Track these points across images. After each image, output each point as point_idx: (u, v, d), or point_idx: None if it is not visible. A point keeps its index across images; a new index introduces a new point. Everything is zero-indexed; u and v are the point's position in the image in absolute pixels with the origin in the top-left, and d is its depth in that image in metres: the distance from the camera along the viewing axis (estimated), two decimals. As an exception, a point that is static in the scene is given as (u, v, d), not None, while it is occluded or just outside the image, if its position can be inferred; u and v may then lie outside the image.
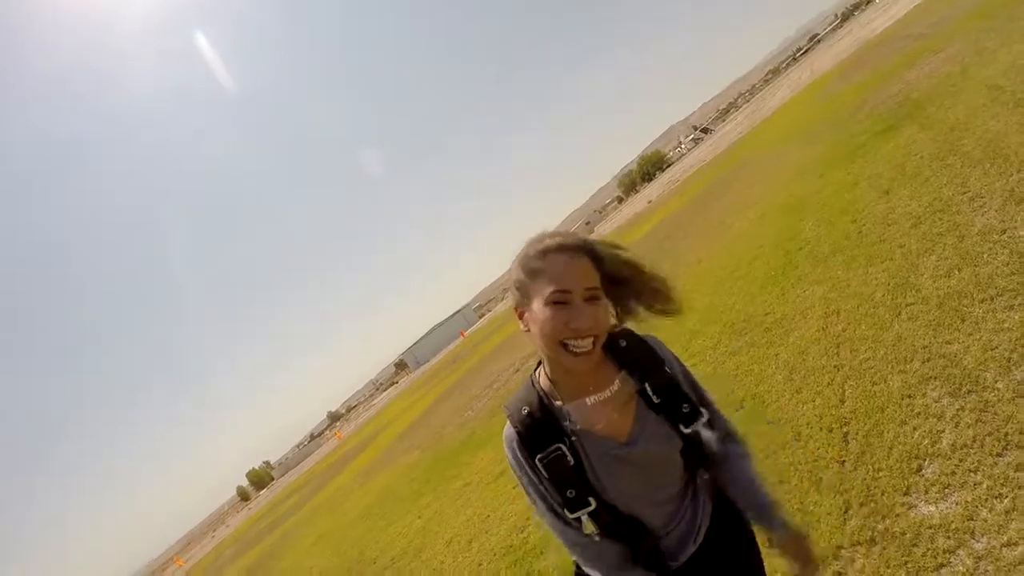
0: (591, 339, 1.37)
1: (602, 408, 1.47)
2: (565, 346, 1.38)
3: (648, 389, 1.49)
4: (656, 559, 1.53)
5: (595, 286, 1.40)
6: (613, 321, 1.56)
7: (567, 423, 1.47)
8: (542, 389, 1.52)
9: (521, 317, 1.49)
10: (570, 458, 1.43)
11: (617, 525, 1.48)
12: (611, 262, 1.49)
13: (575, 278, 1.38)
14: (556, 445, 1.44)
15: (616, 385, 1.49)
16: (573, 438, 1.45)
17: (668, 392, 1.50)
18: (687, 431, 1.48)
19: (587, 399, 1.47)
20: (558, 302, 1.37)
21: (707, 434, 1.51)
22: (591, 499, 1.43)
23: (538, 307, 1.40)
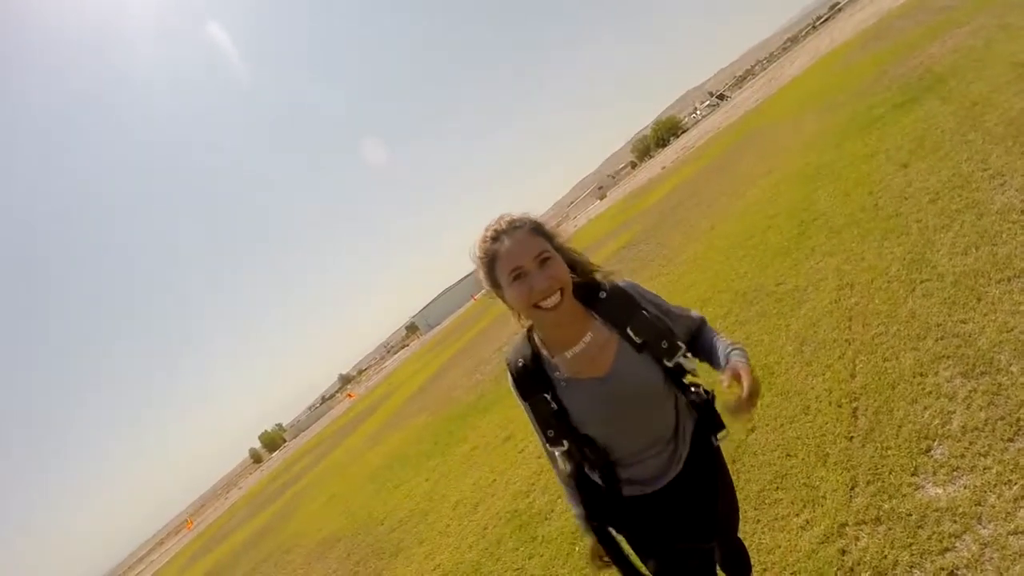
0: (556, 293, 1.60)
1: (582, 356, 1.69)
2: (538, 307, 1.61)
3: (629, 332, 1.69)
4: (614, 488, 1.77)
5: (544, 250, 1.61)
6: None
7: (556, 373, 1.71)
8: (537, 343, 1.77)
9: (502, 299, 1.73)
10: (553, 404, 1.69)
11: (591, 463, 1.75)
12: (553, 235, 1.71)
13: (524, 251, 1.60)
14: (542, 393, 1.70)
15: (589, 336, 1.70)
16: (562, 384, 1.70)
17: (647, 332, 1.69)
18: (670, 364, 1.69)
19: (567, 352, 1.70)
20: (517, 277, 1.60)
21: (689, 364, 1.74)
22: (565, 441, 1.70)
23: (506, 285, 1.64)
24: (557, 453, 1.74)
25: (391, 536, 7.03)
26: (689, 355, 1.75)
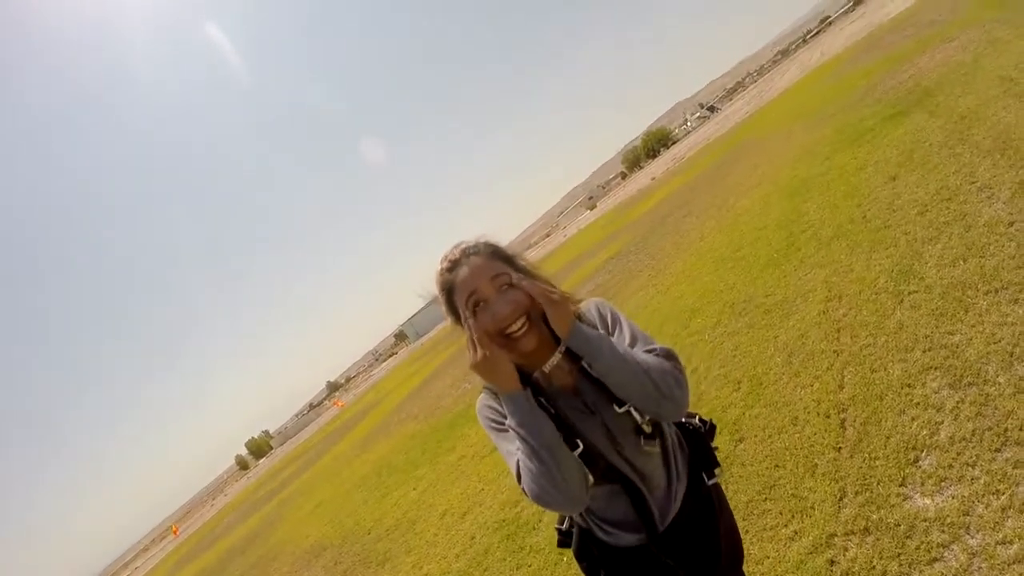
0: (522, 319, 1.51)
1: (554, 371, 1.58)
2: (505, 336, 1.51)
3: (585, 366, 1.54)
4: (648, 517, 1.62)
5: (501, 272, 1.53)
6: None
7: (540, 388, 1.58)
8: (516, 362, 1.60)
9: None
10: (551, 409, 1.53)
11: (608, 471, 1.56)
12: (513, 257, 1.62)
13: (477, 276, 1.51)
14: (538, 397, 1.53)
15: (556, 357, 1.56)
16: (549, 397, 1.56)
17: None
18: (620, 411, 1.52)
19: (544, 367, 1.56)
20: (477, 305, 1.50)
21: (638, 417, 1.53)
22: (578, 441, 1.51)
23: (467, 316, 1.52)
24: (577, 454, 1.51)
25: (378, 545, 6.99)
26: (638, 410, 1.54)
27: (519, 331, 1.51)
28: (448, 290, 1.56)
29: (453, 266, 1.56)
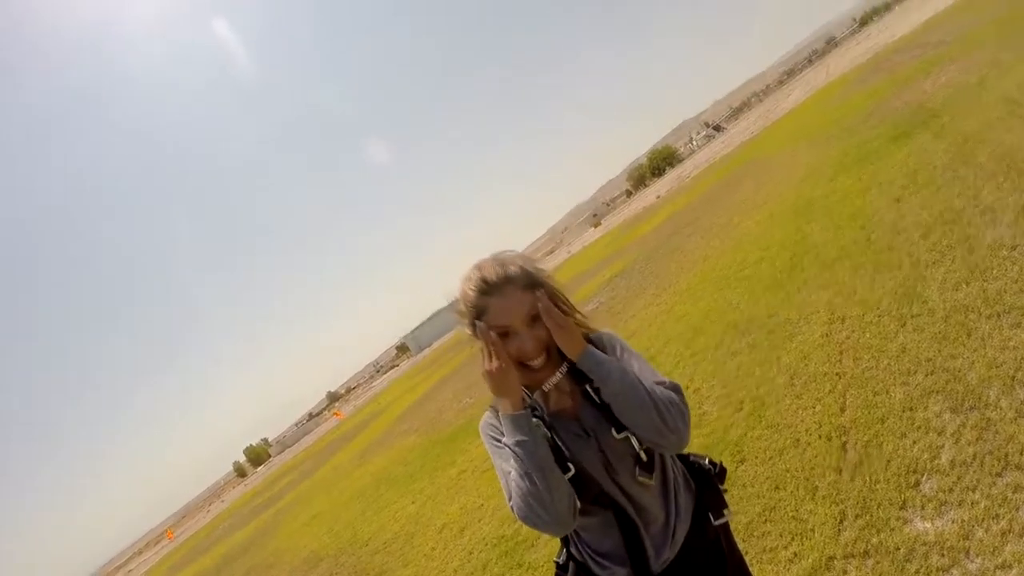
0: (542, 355, 1.54)
1: (557, 394, 1.61)
2: (524, 366, 1.54)
3: (589, 390, 1.57)
4: (639, 551, 1.59)
5: (533, 306, 1.52)
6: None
7: (540, 409, 1.60)
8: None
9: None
10: (547, 432, 1.54)
11: (601, 496, 1.55)
12: (546, 284, 1.60)
13: (512, 311, 1.51)
14: (536, 419, 1.54)
15: (556, 377, 1.58)
16: (546, 419, 1.58)
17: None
18: (618, 436, 1.52)
19: (543, 386, 1.60)
20: (503, 335, 1.51)
21: (636, 445, 1.53)
22: (570, 464, 1.52)
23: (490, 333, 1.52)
24: (568, 477, 1.50)
25: (375, 558, 6.96)
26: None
27: (538, 366, 1.55)
28: (478, 312, 1.54)
29: (489, 289, 1.53)
